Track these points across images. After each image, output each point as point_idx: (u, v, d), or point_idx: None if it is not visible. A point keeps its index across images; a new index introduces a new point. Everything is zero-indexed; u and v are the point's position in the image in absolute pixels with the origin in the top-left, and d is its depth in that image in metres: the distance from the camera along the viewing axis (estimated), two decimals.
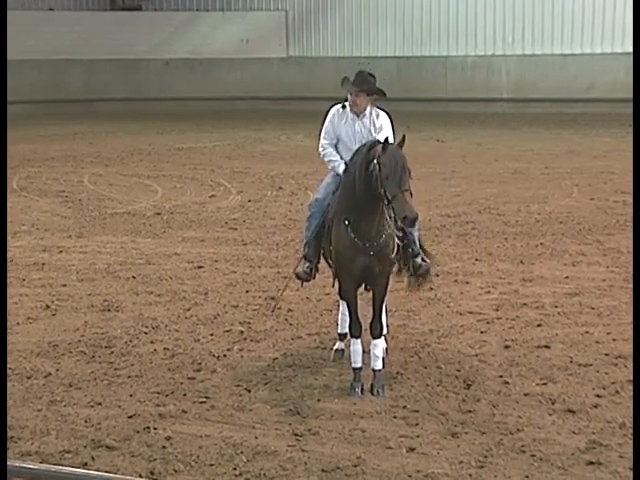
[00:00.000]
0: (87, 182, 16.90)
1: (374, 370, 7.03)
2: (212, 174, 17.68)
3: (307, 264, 7.40)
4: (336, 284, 7.39)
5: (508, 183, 16.20)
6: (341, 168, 7.26)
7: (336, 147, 7.40)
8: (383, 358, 7.14)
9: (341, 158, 7.32)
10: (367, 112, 7.30)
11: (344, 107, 7.35)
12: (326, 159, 7.44)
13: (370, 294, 7.27)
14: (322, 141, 7.45)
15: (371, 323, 7.11)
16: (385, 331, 7.42)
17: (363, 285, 7.25)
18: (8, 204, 13.64)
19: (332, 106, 7.50)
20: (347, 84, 7.22)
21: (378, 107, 7.42)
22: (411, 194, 6.51)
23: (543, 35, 29.49)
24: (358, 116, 7.29)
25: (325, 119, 7.48)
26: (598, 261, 10.74)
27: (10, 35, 25.55)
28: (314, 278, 7.55)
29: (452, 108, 29.45)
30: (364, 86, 7.19)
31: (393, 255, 7.00)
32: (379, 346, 7.09)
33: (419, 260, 7.41)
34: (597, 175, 16.77)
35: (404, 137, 6.69)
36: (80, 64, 31.50)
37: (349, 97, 7.26)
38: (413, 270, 7.45)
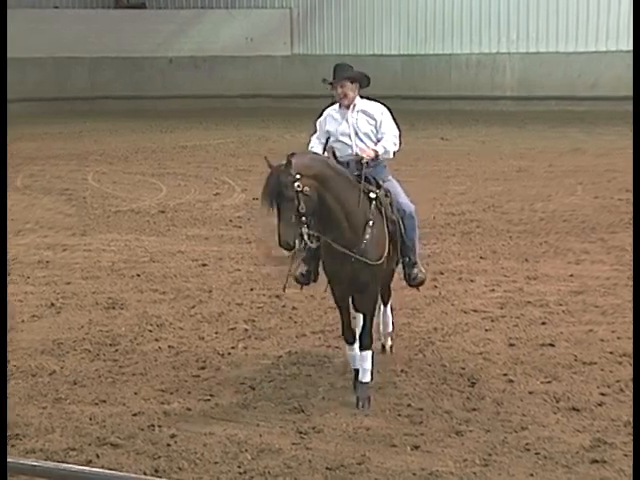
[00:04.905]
0: (91, 180, 16.91)
1: (361, 382, 6.81)
2: (216, 172, 17.68)
3: (305, 267, 7.14)
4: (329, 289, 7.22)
5: (512, 181, 16.18)
6: None
7: (334, 147, 7.26)
8: (371, 370, 6.90)
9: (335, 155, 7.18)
10: (358, 104, 7.09)
11: (340, 105, 7.15)
12: None
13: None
14: (311, 139, 7.30)
15: (360, 335, 6.90)
16: (390, 329, 7.38)
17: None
18: (12, 202, 13.65)
19: (327, 106, 7.41)
20: (329, 80, 7.04)
21: (376, 100, 7.30)
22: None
23: (547, 33, 29.43)
24: (349, 109, 7.07)
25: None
26: (602, 259, 10.73)
27: (14, 33, 25.57)
28: (314, 281, 7.22)
29: (456, 106, 29.40)
30: (345, 74, 7.02)
31: (381, 261, 6.66)
32: (367, 359, 6.85)
33: (416, 271, 7.20)
34: (601, 173, 16.74)
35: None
36: (84, 62, 31.49)
37: (336, 92, 7.06)
38: (408, 279, 7.27)
